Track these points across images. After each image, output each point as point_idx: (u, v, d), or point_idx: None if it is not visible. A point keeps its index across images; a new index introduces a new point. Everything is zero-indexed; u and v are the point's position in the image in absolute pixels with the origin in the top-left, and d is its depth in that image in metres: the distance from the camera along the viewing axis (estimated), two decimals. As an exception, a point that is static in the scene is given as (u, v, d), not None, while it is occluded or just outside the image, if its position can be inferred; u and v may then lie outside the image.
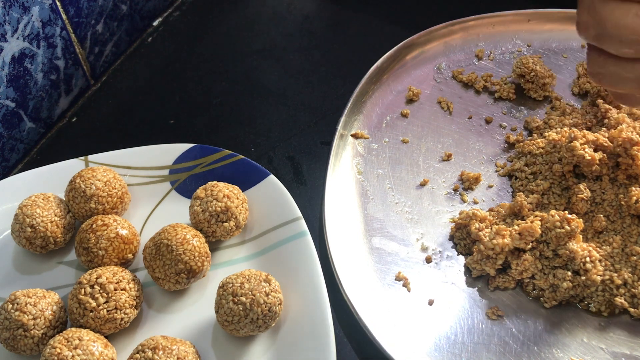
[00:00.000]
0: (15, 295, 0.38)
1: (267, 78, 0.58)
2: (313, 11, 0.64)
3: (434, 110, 0.52)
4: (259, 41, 0.62)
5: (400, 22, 0.61)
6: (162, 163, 0.47)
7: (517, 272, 0.41)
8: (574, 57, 0.55)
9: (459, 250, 0.44)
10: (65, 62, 0.54)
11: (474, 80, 0.54)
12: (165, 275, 0.40)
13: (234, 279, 0.38)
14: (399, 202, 0.46)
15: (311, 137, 0.53)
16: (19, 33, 0.48)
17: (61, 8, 0.52)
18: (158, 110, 0.56)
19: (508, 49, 0.56)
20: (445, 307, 0.41)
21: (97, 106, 0.57)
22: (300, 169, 0.51)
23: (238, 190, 0.43)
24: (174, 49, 0.62)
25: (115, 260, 0.41)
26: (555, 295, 0.40)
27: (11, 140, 0.51)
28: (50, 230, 0.42)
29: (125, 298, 0.38)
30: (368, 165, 0.48)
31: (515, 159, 0.48)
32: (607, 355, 0.39)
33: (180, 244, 0.39)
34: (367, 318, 0.39)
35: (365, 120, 0.51)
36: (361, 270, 0.42)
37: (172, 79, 0.59)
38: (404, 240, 0.44)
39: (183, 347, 0.36)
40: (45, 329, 0.38)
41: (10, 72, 0.48)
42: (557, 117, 0.50)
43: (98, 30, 0.57)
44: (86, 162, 0.47)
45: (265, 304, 0.37)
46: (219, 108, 0.56)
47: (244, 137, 0.53)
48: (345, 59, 0.59)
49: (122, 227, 0.41)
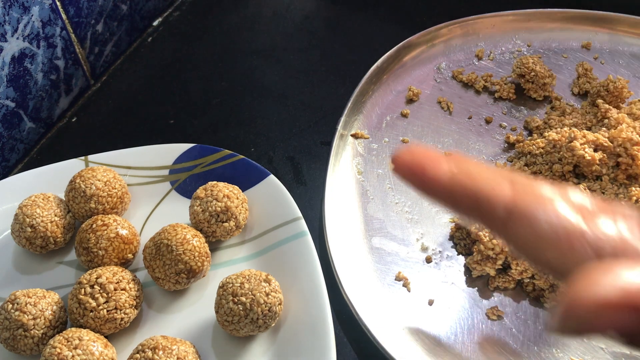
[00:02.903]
0: (15, 295, 0.38)
1: (267, 78, 0.58)
2: (313, 11, 0.64)
3: (434, 110, 0.52)
4: (259, 41, 0.62)
5: (400, 22, 0.61)
6: (162, 163, 0.47)
7: (517, 272, 0.41)
8: (574, 57, 0.55)
9: (459, 250, 0.44)
10: (65, 62, 0.54)
11: (474, 80, 0.54)
12: (165, 275, 0.39)
13: (234, 279, 0.38)
14: (399, 202, 0.46)
15: (311, 137, 0.53)
16: (19, 33, 0.48)
17: (61, 8, 0.52)
18: (158, 110, 0.56)
19: (508, 49, 0.56)
20: (445, 307, 0.41)
21: (97, 106, 0.57)
22: (300, 169, 0.51)
23: (238, 190, 0.43)
24: (174, 49, 0.62)
25: (115, 260, 0.41)
26: (555, 295, 0.40)
27: (11, 140, 0.51)
28: (50, 230, 0.42)
29: (125, 298, 0.38)
30: (368, 165, 0.48)
31: (515, 159, 0.48)
32: (607, 355, 0.39)
33: (180, 244, 0.39)
34: (367, 318, 0.39)
35: (365, 120, 0.51)
36: (361, 270, 0.42)
37: (172, 79, 0.59)
38: (404, 240, 0.44)
39: (183, 347, 0.36)
40: (45, 329, 0.38)
41: (10, 72, 0.48)
42: (557, 117, 0.50)
43: (98, 30, 0.57)
44: (86, 162, 0.47)
45: (265, 304, 0.37)
46: (219, 108, 0.56)
47: (244, 137, 0.53)
48: (345, 59, 0.59)
49: (122, 227, 0.41)
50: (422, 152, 0.22)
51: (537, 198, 0.20)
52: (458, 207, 0.21)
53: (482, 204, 0.20)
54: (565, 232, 0.19)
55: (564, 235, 0.19)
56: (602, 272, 0.16)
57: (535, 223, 0.19)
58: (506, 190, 0.20)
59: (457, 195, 0.21)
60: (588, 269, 0.16)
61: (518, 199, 0.20)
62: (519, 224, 0.19)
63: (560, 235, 0.19)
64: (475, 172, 0.21)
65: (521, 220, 0.19)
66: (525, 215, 0.19)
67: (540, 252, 0.19)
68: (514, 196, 0.20)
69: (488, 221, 0.20)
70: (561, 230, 0.19)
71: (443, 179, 0.21)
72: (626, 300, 0.15)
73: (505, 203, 0.20)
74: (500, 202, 0.20)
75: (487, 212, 0.20)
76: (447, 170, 0.21)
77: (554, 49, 0.56)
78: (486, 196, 0.20)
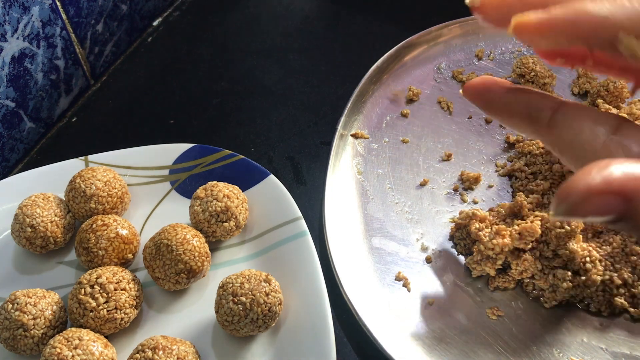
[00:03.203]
0: (15, 295, 0.38)
1: (267, 78, 0.58)
2: (313, 11, 0.64)
3: (434, 110, 0.52)
4: (259, 41, 0.62)
5: (400, 22, 0.61)
6: (162, 163, 0.47)
7: (517, 272, 0.41)
8: (574, 57, 0.55)
9: (459, 250, 0.44)
10: (65, 62, 0.54)
11: (474, 80, 0.54)
12: (165, 275, 0.39)
13: (234, 279, 0.38)
14: (399, 202, 0.46)
15: (311, 137, 0.53)
16: (19, 33, 0.48)
17: (61, 8, 0.52)
18: (158, 110, 0.56)
19: (508, 49, 0.56)
20: (445, 307, 0.41)
21: (97, 106, 0.57)
22: (300, 169, 0.51)
23: (238, 190, 0.43)
24: (174, 49, 0.62)
25: (115, 260, 0.41)
26: (555, 295, 0.40)
27: (11, 140, 0.51)
28: (50, 230, 0.42)
29: (125, 298, 0.38)
30: (368, 165, 0.48)
31: (515, 159, 0.48)
32: (607, 355, 0.39)
33: (180, 244, 0.39)
34: (367, 318, 0.39)
35: (365, 120, 0.51)
36: (361, 270, 0.42)
37: (172, 79, 0.59)
38: (404, 240, 0.44)
39: (183, 347, 0.36)
40: (45, 329, 0.38)
41: (10, 72, 0.48)
42: (557, 117, 0.50)
43: (98, 30, 0.57)
44: (86, 162, 0.47)
45: (265, 304, 0.37)
46: (219, 108, 0.56)
47: (244, 137, 0.53)
48: (345, 59, 0.59)
49: (122, 227, 0.41)
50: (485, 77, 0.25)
51: (579, 108, 0.22)
52: (512, 115, 0.24)
53: (532, 108, 0.23)
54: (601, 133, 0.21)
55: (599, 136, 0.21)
56: (597, 165, 0.18)
57: (576, 124, 0.22)
58: (553, 101, 0.23)
59: (513, 105, 0.24)
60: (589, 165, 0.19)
61: (562, 107, 0.23)
62: (562, 126, 0.22)
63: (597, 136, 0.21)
64: (530, 89, 0.24)
65: (564, 122, 0.22)
66: (567, 118, 0.22)
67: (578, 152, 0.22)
68: (559, 104, 0.23)
69: (536, 125, 0.23)
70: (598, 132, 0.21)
71: (502, 91, 0.24)
72: (608, 188, 0.18)
73: (552, 108, 0.23)
74: (548, 106, 0.23)
75: (536, 116, 0.23)
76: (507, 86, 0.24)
77: (554, 49, 0.56)
78: (537, 102, 0.23)
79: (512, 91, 0.24)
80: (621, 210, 0.18)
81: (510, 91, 0.24)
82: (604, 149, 0.21)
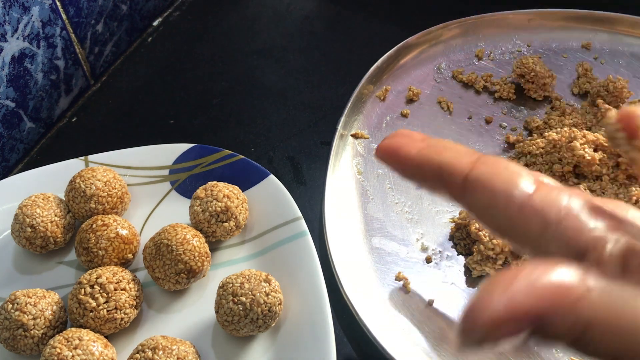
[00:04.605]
0: (15, 295, 0.38)
1: (267, 78, 0.58)
2: (313, 11, 0.64)
3: (434, 110, 0.52)
4: (259, 41, 0.62)
5: (400, 22, 0.61)
6: (162, 163, 0.47)
7: (517, 272, 0.41)
8: (574, 57, 0.55)
9: (459, 250, 0.44)
10: (65, 62, 0.54)
11: (474, 80, 0.54)
12: (165, 275, 0.39)
13: (234, 279, 0.38)
14: (399, 202, 0.46)
15: (311, 137, 0.53)
16: (19, 33, 0.48)
17: (61, 8, 0.52)
18: (158, 110, 0.56)
19: (508, 49, 0.56)
20: (445, 307, 0.41)
21: (97, 106, 0.57)
22: (300, 169, 0.51)
23: (238, 190, 0.43)
24: (174, 49, 0.62)
25: (115, 260, 0.41)
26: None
27: (11, 140, 0.51)
28: (50, 230, 0.42)
29: (125, 298, 0.38)
30: (368, 165, 0.48)
31: (515, 159, 0.48)
32: (607, 355, 0.38)
33: (180, 244, 0.39)
34: (367, 318, 0.39)
35: (365, 120, 0.51)
36: (361, 270, 0.42)
37: (172, 79, 0.59)
38: (404, 240, 0.44)
39: (183, 347, 0.36)
40: (45, 329, 0.38)
41: (10, 72, 0.48)
42: (557, 117, 0.50)
43: (98, 30, 0.57)
44: (86, 162, 0.47)
45: (265, 304, 0.37)
46: (219, 108, 0.56)
47: (244, 137, 0.53)
48: (345, 59, 0.59)
49: (122, 227, 0.41)
50: (399, 134, 0.24)
51: (494, 167, 0.21)
52: (425, 179, 0.23)
53: (444, 172, 0.22)
54: (516, 198, 0.20)
55: (514, 201, 0.20)
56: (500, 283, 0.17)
57: (489, 188, 0.21)
58: (466, 161, 0.22)
59: (424, 167, 0.22)
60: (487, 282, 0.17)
61: (476, 167, 0.21)
62: (475, 190, 0.21)
63: (511, 201, 0.20)
64: (442, 147, 0.23)
65: (476, 186, 0.21)
66: (480, 181, 0.21)
67: (494, 217, 0.21)
68: (473, 165, 0.21)
69: (449, 189, 0.22)
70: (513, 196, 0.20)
71: (412, 153, 0.23)
72: (514, 314, 0.17)
73: (464, 171, 0.21)
74: (460, 170, 0.21)
75: (448, 180, 0.22)
76: (418, 147, 0.23)
77: (554, 49, 0.56)
78: (448, 165, 0.22)
79: (424, 152, 0.22)
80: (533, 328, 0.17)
81: (423, 152, 0.22)
82: (519, 216, 0.20)
